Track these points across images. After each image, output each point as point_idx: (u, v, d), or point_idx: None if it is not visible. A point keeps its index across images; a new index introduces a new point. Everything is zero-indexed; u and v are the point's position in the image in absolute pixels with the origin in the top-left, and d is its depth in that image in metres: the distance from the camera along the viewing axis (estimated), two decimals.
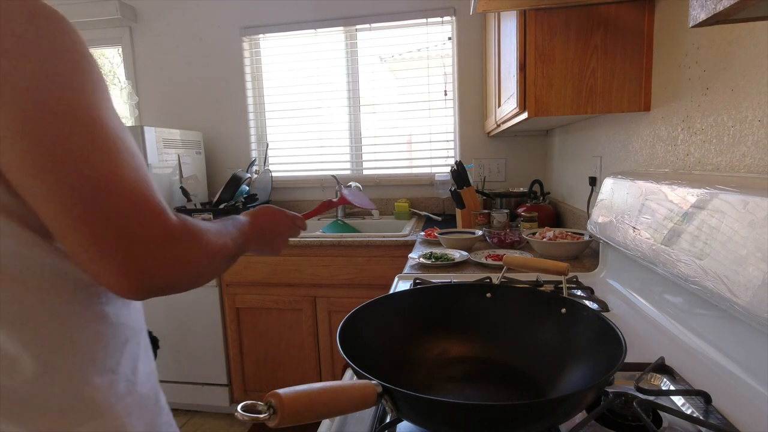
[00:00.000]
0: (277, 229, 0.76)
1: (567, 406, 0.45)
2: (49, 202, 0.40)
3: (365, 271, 1.90)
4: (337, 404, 0.41)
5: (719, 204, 0.64)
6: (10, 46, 0.39)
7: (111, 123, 0.43)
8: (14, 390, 0.44)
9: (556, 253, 1.37)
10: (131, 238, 0.41)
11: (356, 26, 2.43)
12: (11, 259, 0.43)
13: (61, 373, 0.46)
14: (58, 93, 0.40)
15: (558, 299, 0.67)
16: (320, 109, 2.55)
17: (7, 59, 0.39)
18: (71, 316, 0.47)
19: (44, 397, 0.46)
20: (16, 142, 0.39)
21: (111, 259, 0.41)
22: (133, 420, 0.53)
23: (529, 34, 1.17)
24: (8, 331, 0.44)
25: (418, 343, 0.69)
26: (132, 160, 0.44)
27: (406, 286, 1.14)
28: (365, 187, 2.48)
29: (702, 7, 0.46)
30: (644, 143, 1.17)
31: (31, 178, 0.40)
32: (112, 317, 0.52)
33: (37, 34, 0.41)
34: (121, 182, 0.42)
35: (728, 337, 0.66)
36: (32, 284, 0.45)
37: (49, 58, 0.41)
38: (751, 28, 0.76)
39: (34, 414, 0.45)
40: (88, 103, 0.42)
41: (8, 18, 0.39)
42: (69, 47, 0.43)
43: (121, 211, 0.41)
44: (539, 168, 2.38)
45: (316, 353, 2.01)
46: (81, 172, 0.40)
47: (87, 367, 0.49)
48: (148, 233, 0.42)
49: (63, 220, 0.40)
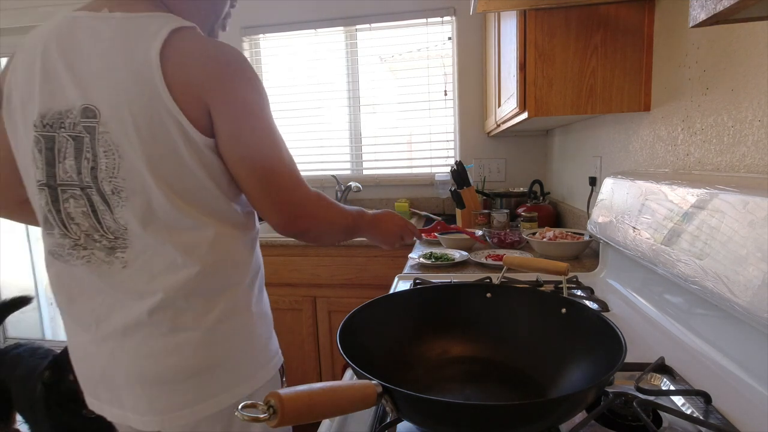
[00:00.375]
0: (393, 227, 0.98)
1: (567, 406, 0.45)
2: (252, 177, 0.70)
3: (365, 271, 1.90)
4: (337, 404, 0.41)
5: (719, 204, 0.64)
6: (230, 83, 0.68)
7: (276, 128, 0.73)
8: (198, 283, 0.69)
9: (556, 253, 1.37)
10: (287, 200, 0.73)
11: (356, 26, 2.43)
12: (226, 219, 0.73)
13: (225, 277, 0.73)
14: (259, 113, 0.70)
15: (558, 299, 0.67)
16: (320, 109, 2.55)
17: (229, 92, 0.67)
18: (238, 249, 0.75)
19: (212, 288, 0.71)
20: (241, 141, 0.68)
21: (276, 210, 0.73)
22: (258, 325, 0.79)
23: (529, 34, 1.17)
24: (210, 251, 0.70)
25: (418, 343, 0.69)
26: (287, 151, 0.74)
27: (406, 286, 1.14)
28: (365, 187, 2.48)
29: (702, 7, 0.46)
30: (644, 143, 1.17)
31: (247, 160, 0.69)
32: (256, 255, 0.81)
33: (241, 74, 0.69)
34: (284, 166, 0.72)
35: (728, 337, 0.66)
36: (226, 229, 0.73)
37: (251, 91, 0.70)
38: (751, 28, 0.76)
39: (208, 297, 0.71)
40: (270, 118, 0.72)
41: (227, 62, 0.68)
42: (255, 79, 0.71)
43: (282, 183, 0.72)
44: (539, 168, 2.38)
45: (316, 353, 2.01)
46: (269, 160, 0.70)
47: (239, 279, 0.75)
48: (296, 197, 0.74)
49: (257, 187, 0.71)
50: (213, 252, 0.70)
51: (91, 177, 0.66)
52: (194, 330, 0.70)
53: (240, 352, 0.75)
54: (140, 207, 0.66)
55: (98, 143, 0.64)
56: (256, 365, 0.78)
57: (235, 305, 0.74)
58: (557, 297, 0.68)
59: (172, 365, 0.69)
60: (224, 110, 0.67)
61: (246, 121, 0.68)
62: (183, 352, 0.69)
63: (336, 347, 1.93)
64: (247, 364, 0.76)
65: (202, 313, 0.70)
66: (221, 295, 0.72)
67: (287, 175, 0.72)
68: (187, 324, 0.69)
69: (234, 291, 0.74)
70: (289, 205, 0.73)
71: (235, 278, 0.74)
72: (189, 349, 0.69)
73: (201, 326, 0.70)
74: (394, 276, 1.27)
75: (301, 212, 0.74)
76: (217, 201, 0.71)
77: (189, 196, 0.68)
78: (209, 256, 0.70)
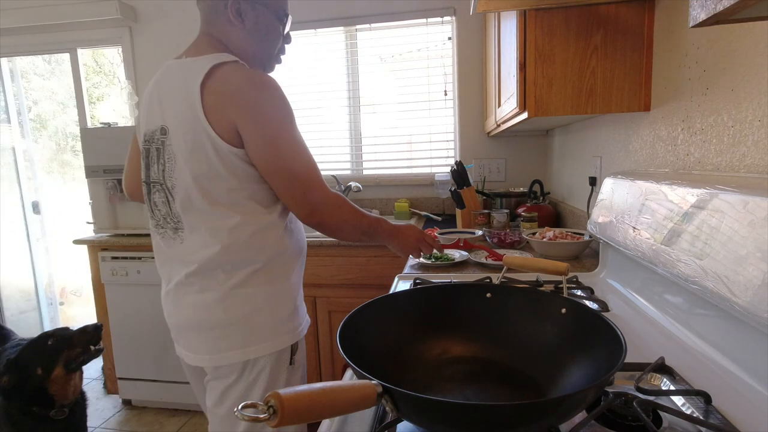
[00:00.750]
0: (412, 239, 1.08)
1: (567, 406, 0.45)
2: (276, 179, 0.89)
3: (365, 271, 1.90)
4: (337, 404, 0.41)
5: (719, 204, 0.64)
6: (253, 103, 0.86)
7: (299, 138, 0.91)
8: (220, 258, 0.90)
9: (556, 253, 1.37)
10: (307, 198, 0.90)
11: (356, 26, 2.43)
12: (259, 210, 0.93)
13: (242, 256, 0.92)
14: (278, 127, 0.88)
15: (558, 299, 0.67)
16: (320, 109, 2.55)
17: (252, 112, 0.86)
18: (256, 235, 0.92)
19: (231, 262, 0.91)
20: (264, 151, 0.87)
21: (297, 205, 0.91)
22: (273, 301, 0.95)
23: (529, 34, 1.17)
24: (229, 235, 0.90)
25: (418, 343, 0.69)
26: (309, 157, 0.92)
27: (406, 286, 1.14)
28: (365, 187, 2.48)
29: (702, 7, 0.46)
30: (644, 143, 1.17)
31: (270, 166, 0.88)
32: (278, 242, 0.96)
33: (264, 95, 0.87)
34: (304, 170, 0.90)
35: (728, 337, 0.66)
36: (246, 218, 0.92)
37: (271, 109, 0.88)
38: (751, 28, 0.76)
39: (227, 269, 0.91)
40: (290, 130, 0.90)
41: (251, 87, 0.86)
42: (277, 98, 0.89)
43: (304, 184, 0.89)
44: (539, 168, 2.38)
45: (316, 353, 2.01)
46: (288, 166, 0.88)
47: (255, 258, 0.93)
48: (315, 196, 0.90)
49: (281, 187, 0.90)
50: (231, 236, 0.90)
51: (163, 177, 0.92)
52: (215, 292, 0.91)
53: (250, 319, 0.93)
54: (184, 200, 0.90)
55: (166, 152, 0.90)
56: (265, 335, 0.94)
57: (250, 279, 0.92)
58: (557, 297, 0.68)
59: (200, 317, 0.93)
60: (248, 127, 0.86)
61: (267, 134, 0.87)
62: (206, 308, 0.92)
63: (336, 347, 1.93)
64: (257, 332, 0.93)
65: (222, 281, 0.91)
66: (239, 270, 0.92)
67: (305, 178, 0.90)
68: (211, 287, 0.91)
69: (250, 267, 0.92)
70: (308, 203, 0.91)
71: (251, 257, 0.92)
72: (210, 306, 0.92)
73: (220, 290, 0.91)
74: (394, 276, 1.27)
75: (318, 209, 0.91)
76: (239, 197, 0.90)
77: (216, 193, 0.89)
78: (228, 239, 0.90)
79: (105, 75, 3.07)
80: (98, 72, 3.07)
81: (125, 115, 2.45)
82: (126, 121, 2.62)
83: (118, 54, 2.71)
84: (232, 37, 0.95)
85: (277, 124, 0.88)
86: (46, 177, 3.09)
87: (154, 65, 2.62)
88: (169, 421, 2.18)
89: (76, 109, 2.77)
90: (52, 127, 3.06)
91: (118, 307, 2.18)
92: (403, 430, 0.55)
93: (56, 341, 1.54)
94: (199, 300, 0.92)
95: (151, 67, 2.63)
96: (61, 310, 3.16)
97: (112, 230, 2.22)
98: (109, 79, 3.06)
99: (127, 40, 2.62)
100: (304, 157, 0.90)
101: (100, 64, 3.05)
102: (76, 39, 2.69)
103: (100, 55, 2.96)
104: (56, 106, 3.04)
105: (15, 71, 2.97)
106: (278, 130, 0.88)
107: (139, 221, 2.22)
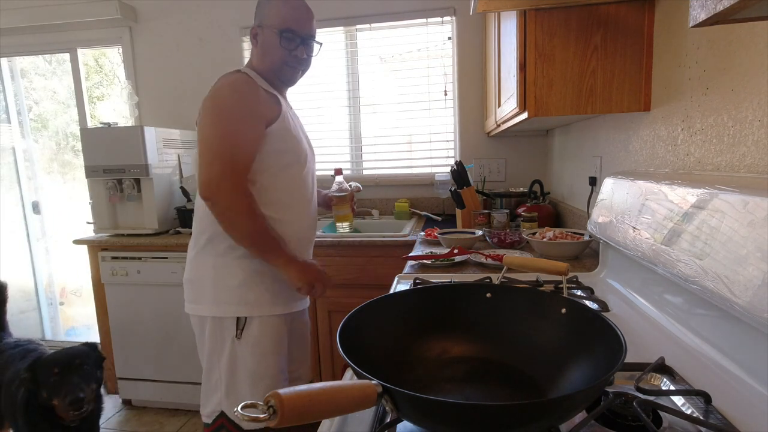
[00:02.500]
0: (311, 272, 1.17)
1: (567, 406, 0.45)
2: (201, 158, 1.10)
3: (365, 271, 1.90)
4: (337, 404, 0.41)
5: (719, 204, 0.64)
6: (207, 97, 1.13)
7: (222, 126, 1.09)
8: (194, 230, 1.23)
9: (556, 253, 1.37)
10: (202, 178, 1.09)
11: (356, 26, 2.43)
12: None
13: (201, 230, 1.20)
14: (207, 119, 1.12)
15: (558, 299, 0.67)
16: (320, 108, 2.55)
17: (204, 103, 1.13)
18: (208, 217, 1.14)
19: (197, 234, 1.22)
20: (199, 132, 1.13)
21: (203, 186, 1.09)
22: (217, 272, 1.17)
23: (529, 34, 1.17)
24: (196, 213, 1.23)
25: (418, 343, 0.69)
26: (225, 144, 1.08)
27: (406, 286, 1.14)
28: (365, 187, 2.47)
29: (702, 7, 0.46)
30: (644, 143, 1.17)
31: (201, 147, 1.11)
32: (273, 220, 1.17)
33: (214, 91, 1.13)
34: (209, 155, 1.09)
35: (728, 337, 0.66)
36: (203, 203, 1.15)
37: (211, 102, 1.12)
38: (751, 28, 0.76)
39: (197, 239, 1.23)
40: (218, 120, 1.10)
41: (216, 85, 1.14)
42: (220, 94, 1.12)
43: (218, 170, 1.07)
44: (539, 168, 2.38)
45: (316, 353, 2.01)
46: (202, 147, 1.11)
47: (204, 233, 1.19)
48: (223, 185, 1.07)
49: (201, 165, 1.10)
50: (199, 208, 1.18)
51: None
52: (190, 253, 1.22)
53: (201, 281, 1.18)
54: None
55: None
56: (208, 298, 1.17)
57: (205, 246, 1.18)
58: (557, 297, 0.68)
59: (185, 274, 1.23)
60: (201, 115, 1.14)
61: (202, 124, 1.11)
62: (187, 264, 1.23)
63: (336, 347, 1.93)
64: (205, 293, 1.17)
65: (192, 246, 1.22)
66: (199, 236, 1.19)
67: (208, 161, 1.08)
68: (191, 250, 1.22)
69: (204, 236, 1.18)
70: (202, 182, 1.08)
71: (204, 227, 1.18)
72: (188, 264, 1.23)
73: (192, 253, 1.21)
74: (394, 276, 1.27)
75: (208, 191, 1.08)
76: None
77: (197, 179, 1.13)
78: (199, 210, 1.18)
79: (105, 75, 3.07)
80: (98, 72, 3.07)
81: (125, 115, 2.45)
82: (126, 121, 2.62)
83: (118, 54, 2.71)
84: (252, 56, 1.23)
85: (208, 114, 1.10)
86: (46, 177, 3.08)
87: (154, 65, 2.62)
88: (169, 421, 2.18)
89: (76, 108, 2.78)
90: (53, 126, 3.05)
91: (118, 307, 2.17)
92: (403, 430, 0.55)
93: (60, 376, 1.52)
94: (187, 259, 1.24)
95: (151, 67, 2.63)
96: (61, 310, 3.16)
97: (112, 230, 2.22)
98: (109, 79, 3.06)
99: (127, 40, 2.62)
100: (221, 143, 1.08)
101: (100, 64, 3.05)
102: (76, 39, 2.69)
103: (101, 55, 2.96)
104: (57, 105, 3.04)
105: (15, 71, 2.97)
106: (209, 119, 1.10)
107: (139, 221, 2.22)
